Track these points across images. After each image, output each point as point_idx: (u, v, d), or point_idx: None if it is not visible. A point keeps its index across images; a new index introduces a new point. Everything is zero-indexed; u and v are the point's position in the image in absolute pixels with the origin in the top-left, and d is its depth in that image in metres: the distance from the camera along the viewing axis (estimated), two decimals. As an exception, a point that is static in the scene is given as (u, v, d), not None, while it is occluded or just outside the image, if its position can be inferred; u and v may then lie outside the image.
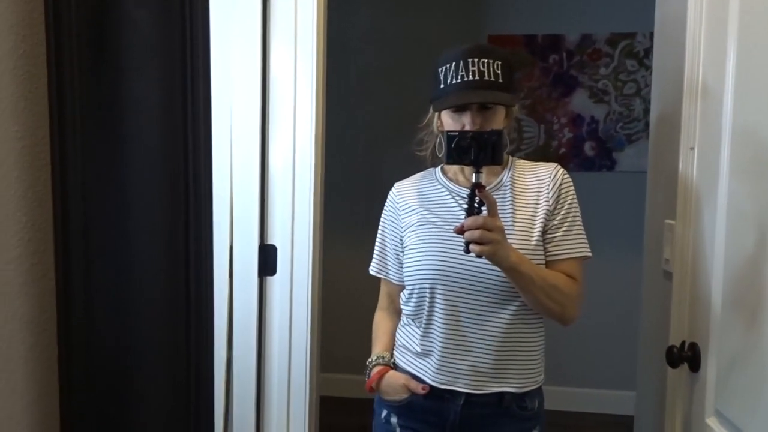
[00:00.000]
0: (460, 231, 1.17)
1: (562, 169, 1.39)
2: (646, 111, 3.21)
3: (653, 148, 1.78)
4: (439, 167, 1.46)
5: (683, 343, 1.41)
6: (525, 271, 1.25)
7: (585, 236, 1.37)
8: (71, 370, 0.84)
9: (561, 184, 1.36)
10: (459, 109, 1.31)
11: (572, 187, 1.38)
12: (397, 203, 1.45)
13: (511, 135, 3.51)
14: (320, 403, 2.08)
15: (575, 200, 1.37)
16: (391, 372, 1.41)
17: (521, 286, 1.26)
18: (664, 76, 1.70)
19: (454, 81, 1.30)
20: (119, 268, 0.86)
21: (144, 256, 0.82)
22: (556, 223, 1.34)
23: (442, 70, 1.33)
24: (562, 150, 3.36)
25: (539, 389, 1.39)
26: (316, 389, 1.86)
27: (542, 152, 3.36)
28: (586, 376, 3.39)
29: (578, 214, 1.37)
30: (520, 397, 1.34)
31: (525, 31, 3.34)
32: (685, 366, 1.40)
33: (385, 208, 1.49)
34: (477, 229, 1.15)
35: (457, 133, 1.19)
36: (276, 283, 1.77)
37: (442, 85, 1.33)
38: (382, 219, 1.49)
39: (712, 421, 1.29)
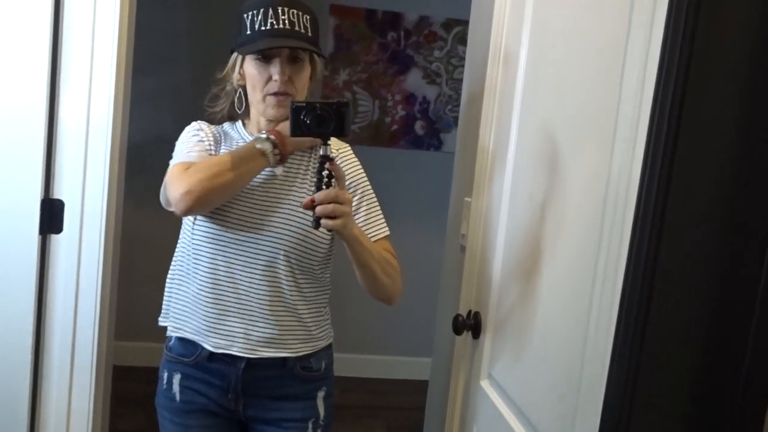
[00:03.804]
0: (310, 206, 1.12)
1: (351, 153, 1.38)
2: (473, 96, 3.38)
3: (462, 130, 1.86)
4: (240, 122, 1.38)
5: (470, 312, 1.50)
6: (366, 243, 1.24)
7: (382, 215, 1.38)
8: None
9: (351, 169, 1.35)
10: (266, 59, 1.26)
11: (361, 169, 1.37)
12: (209, 137, 1.33)
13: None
14: (116, 372, 1.96)
15: (367, 181, 1.37)
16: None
17: (361, 260, 1.24)
18: (473, 63, 1.78)
19: (263, 28, 1.24)
20: None
21: None
22: (353, 207, 1.31)
23: (248, 16, 1.26)
24: (395, 127, 3.43)
25: (326, 351, 1.39)
26: (107, 357, 1.73)
27: (376, 127, 3.41)
28: (392, 344, 3.53)
29: (373, 195, 1.38)
30: (304, 359, 1.34)
31: (367, 5, 3.35)
32: (469, 333, 1.49)
33: (197, 129, 1.34)
34: (329, 203, 1.11)
35: (304, 104, 1.13)
36: (62, 241, 1.61)
37: (248, 32, 1.26)
38: (194, 133, 1.34)
39: (485, 383, 1.40)
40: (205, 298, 1.29)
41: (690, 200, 0.56)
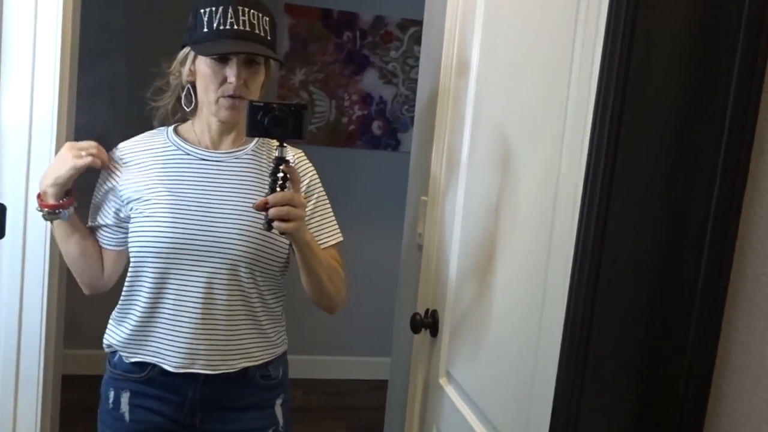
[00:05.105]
0: (263, 207, 1.09)
1: (306, 159, 1.36)
2: (430, 96, 3.40)
3: (418, 130, 1.87)
4: (172, 128, 1.33)
5: (427, 310, 1.50)
6: (316, 249, 1.22)
7: (335, 221, 1.37)
8: None
9: (306, 174, 1.33)
10: (222, 60, 1.22)
11: (316, 175, 1.36)
12: (124, 163, 1.29)
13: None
14: (66, 381, 1.89)
15: (322, 188, 1.36)
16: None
17: (309, 266, 1.22)
18: (427, 64, 1.79)
19: (222, 27, 1.20)
20: None
21: None
22: (307, 213, 1.29)
23: (205, 13, 1.22)
24: (352, 127, 3.43)
25: (283, 357, 1.37)
26: (55, 366, 1.67)
27: (333, 128, 3.40)
28: (352, 345, 3.52)
29: (327, 201, 1.36)
30: (262, 367, 1.31)
31: (322, 4, 3.33)
32: (427, 332, 1.49)
33: (99, 181, 1.32)
34: (284, 205, 1.09)
35: (262, 104, 1.11)
36: (4, 247, 1.54)
37: (205, 29, 1.22)
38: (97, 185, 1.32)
39: (443, 381, 1.40)
40: (161, 317, 1.24)
41: (630, 200, 0.57)
